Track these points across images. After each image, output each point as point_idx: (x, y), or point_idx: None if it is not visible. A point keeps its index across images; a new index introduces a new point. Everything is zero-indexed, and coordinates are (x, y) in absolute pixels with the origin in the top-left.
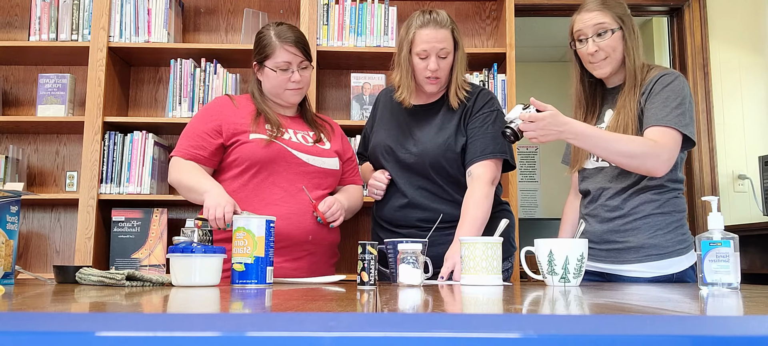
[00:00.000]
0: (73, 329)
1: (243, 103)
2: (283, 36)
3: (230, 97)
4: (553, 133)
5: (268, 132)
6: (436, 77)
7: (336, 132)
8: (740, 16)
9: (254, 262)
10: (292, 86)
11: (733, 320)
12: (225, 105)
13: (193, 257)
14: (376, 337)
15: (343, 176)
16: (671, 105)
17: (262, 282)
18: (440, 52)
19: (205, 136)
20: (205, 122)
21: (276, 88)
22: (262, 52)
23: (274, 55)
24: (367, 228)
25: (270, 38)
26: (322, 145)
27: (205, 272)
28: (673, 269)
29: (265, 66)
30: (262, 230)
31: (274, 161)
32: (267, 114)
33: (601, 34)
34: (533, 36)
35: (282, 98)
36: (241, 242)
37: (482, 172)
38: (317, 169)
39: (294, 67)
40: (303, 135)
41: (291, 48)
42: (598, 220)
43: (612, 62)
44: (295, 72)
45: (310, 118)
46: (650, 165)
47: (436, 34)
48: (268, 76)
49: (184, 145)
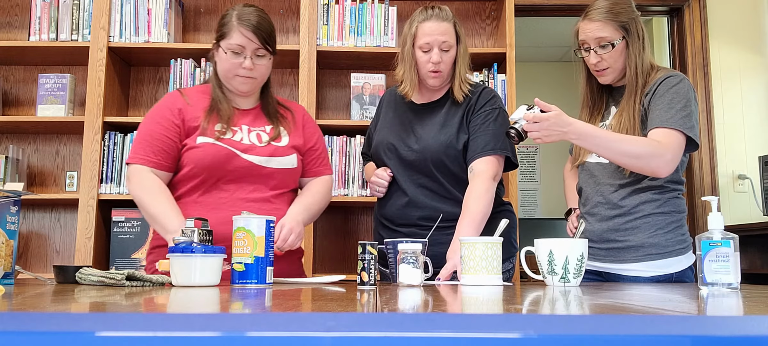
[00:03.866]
0: (73, 329)
1: (195, 98)
2: (242, 18)
3: (181, 92)
4: (557, 133)
5: (216, 133)
6: (438, 71)
7: (298, 121)
8: (740, 16)
9: (254, 262)
10: (242, 73)
11: (733, 320)
12: (177, 102)
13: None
14: (376, 337)
15: (307, 168)
16: (676, 107)
17: (262, 282)
18: (442, 45)
19: (165, 139)
20: (162, 123)
21: (226, 72)
22: (220, 31)
23: (229, 36)
24: (368, 228)
25: (231, 18)
26: (279, 141)
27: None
28: (672, 268)
29: (220, 46)
30: (262, 230)
31: (222, 166)
32: (220, 109)
33: (604, 46)
34: (533, 36)
35: (232, 85)
36: (241, 242)
37: (484, 167)
38: (270, 170)
39: (248, 52)
40: (258, 133)
41: (247, 32)
42: (597, 219)
43: (614, 72)
44: (247, 58)
45: (271, 110)
46: (654, 166)
47: (438, 26)
48: (221, 57)
49: (143, 152)
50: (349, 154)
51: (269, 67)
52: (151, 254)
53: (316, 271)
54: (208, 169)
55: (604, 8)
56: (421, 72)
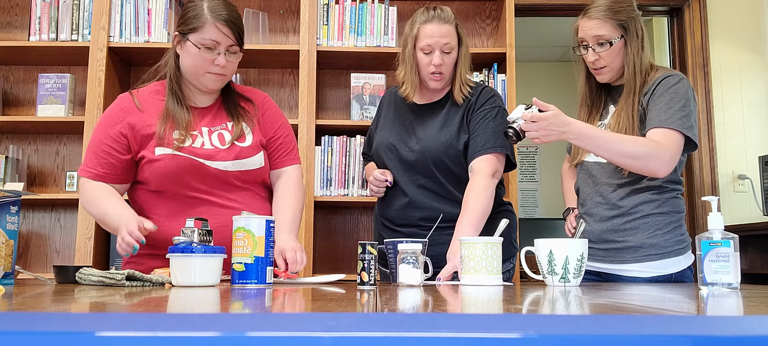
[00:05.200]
0: (73, 329)
1: (148, 102)
2: (216, 11)
3: (132, 94)
4: (555, 133)
5: (175, 142)
6: (439, 73)
7: (262, 111)
8: (740, 16)
9: (254, 262)
10: (215, 70)
11: (733, 320)
12: (128, 109)
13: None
14: (376, 337)
15: (276, 159)
16: (675, 107)
17: (262, 282)
18: (444, 46)
19: (112, 153)
20: (108, 133)
21: (195, 68)
22: (189, 23)
23: (202, 30)
24: (368, 228)
25: (201, 10)
26: (243, 141)
27: (206, 272)
28: (671, 269)
29: (188, 40)
30: (262, 230)
31: (185, 178)
32: (176, 113)
33: (602, 44)
34: (533, 36)
35: (201, 82)
36: (241, 242)
37: (483, 165)
38: (236, 173)
39: (222, 48)
40: (219, 133)
41: (223, 27)
42: (596, 219)
43: (612, 71)
44: (221, 54)
45: (232, 106)
46: (653, 166)
47: (439, 28)
48: (190, 52)
49: (91, 163)
50: (349, 154)
51: (237, 63)
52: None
53: (315, 271)
54: (171, 182)
55: (604, 6)
56: (422, 74)
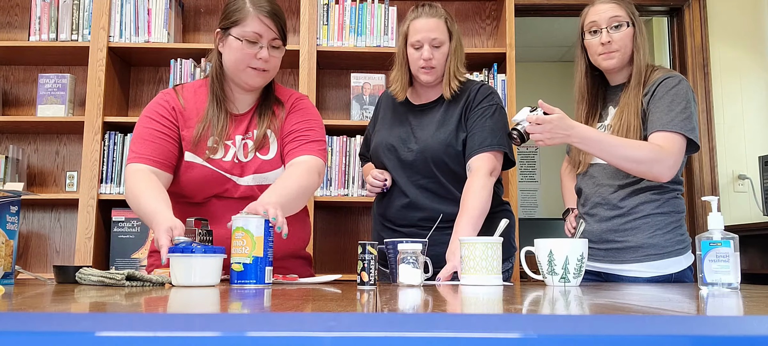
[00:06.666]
0: (73, 329)
1: (190, 101)
2: (258, 4)
3: (176, 91)
4: (559, 136)
5: (207, 152)
6: (430, 67)
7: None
8: (740, 16)
9: (253, 262)
10: (256, 65)
11: (733, 320)
12: (174, 104)
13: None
14: (376, 337)
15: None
16: (676, 109)
17: (261, 282)
18: (433, 41)
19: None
20: (158, 120)
21: (238, 63)
22: (230, 17)
23: (244, 22)
24: (368, 228)
25: (243, 3)
26: (265, 152)
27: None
28: (671, 269)
29: (230, 34)
30: (261, 230)
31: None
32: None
33: (617, 27)
34: (533, 36)
35: (242, 79)
36: (240, 242)
37: (480, 164)
38: (256, 187)
39: (264, 42)
40: (246, 142)
41: (266, 19)
42: (597, 219)
43: (621, 56)
44: (264, 48)
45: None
46: (656, 171)
47: (427, 23)
48: (232, 47)
49: (140, 149)
50: (349, 154)
51: (280, 59)
52: (151, 257)
53: (316, 271)
54: (194, 191)
55: None
56: (412, 69)
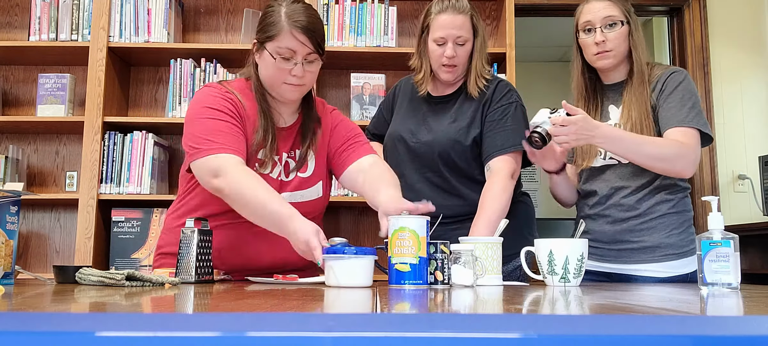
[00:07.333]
0: (73, 329)
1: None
2: (293, 18)
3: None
4: (585, 136)
5: (257, 164)
6: (452, 65)
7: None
8: (740, 16)
9: (419, 262)
10: (291, 81)
11: (733, 320)
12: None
13: (351, 258)
14: (376, 337)
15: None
16: (687, 105)
17: (425, 282)
18: (458, 39)
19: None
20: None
21: (272, 78)
22: (266, 31)
23: (279, 38)
24: (368, 228)
25: (278, 16)
26: (304, 170)
27: (364, 273)
28: (686, 268)
29: (266, 48)
30: (424, 230)
31: None
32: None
33: (611, 26)
34: (533, 36)
35: (277, 92)
36: (407, 242)
37: (501, 166)
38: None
39: (298, 58)
40: (288, 159)
41: (300, 35)
42: (608, 220)
43: (616, 55)
44: (298, 64)
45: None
46: (680, 167)
47: (453, 19)
48: (266, 61)
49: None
50: None
51: (317, 72)
52: (157, 260)
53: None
54: None
55: None
56: (433, 65)
